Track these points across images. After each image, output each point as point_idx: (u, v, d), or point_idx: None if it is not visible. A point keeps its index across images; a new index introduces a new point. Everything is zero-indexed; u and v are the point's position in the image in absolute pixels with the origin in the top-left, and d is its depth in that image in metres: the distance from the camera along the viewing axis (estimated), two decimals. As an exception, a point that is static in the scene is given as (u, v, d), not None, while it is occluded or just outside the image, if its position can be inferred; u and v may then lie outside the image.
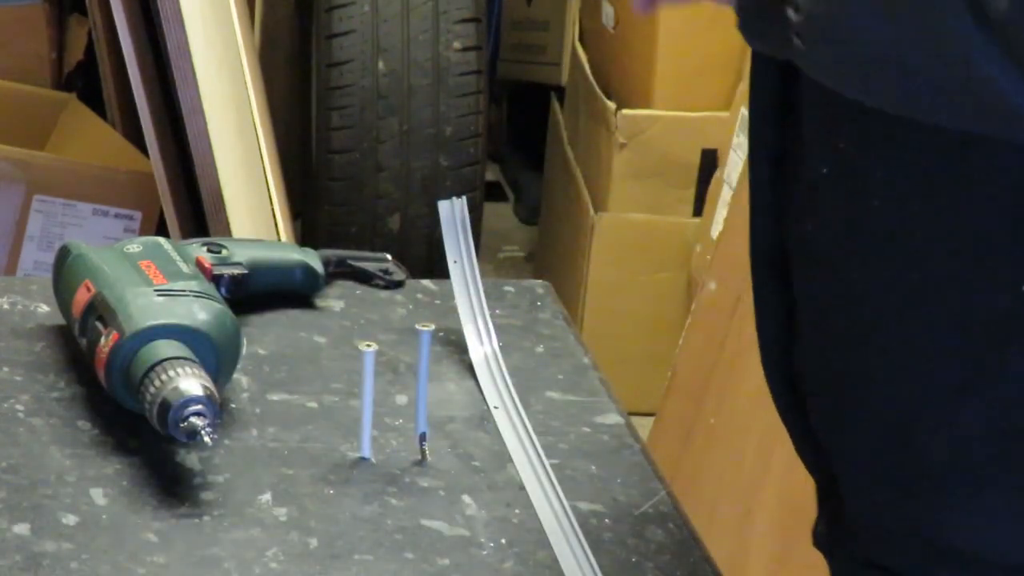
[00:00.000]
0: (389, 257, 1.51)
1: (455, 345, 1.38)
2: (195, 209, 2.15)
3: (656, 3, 1.04)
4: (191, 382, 1.15)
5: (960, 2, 0.78)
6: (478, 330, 1.37)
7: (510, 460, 1.23)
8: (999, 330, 0.94)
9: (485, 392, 1.31)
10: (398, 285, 1.48)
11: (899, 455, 1.01)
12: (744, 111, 2.67)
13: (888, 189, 0.96)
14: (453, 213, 1.38)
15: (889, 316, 0.99)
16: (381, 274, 1.48)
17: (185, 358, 1.18)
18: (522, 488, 1.19)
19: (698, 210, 3.03)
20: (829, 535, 1.11)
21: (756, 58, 1.03)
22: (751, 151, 1.07)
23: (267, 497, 1.16)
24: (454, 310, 1.38)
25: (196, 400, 1.14)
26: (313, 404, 1.28)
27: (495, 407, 1.29)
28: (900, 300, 0.98)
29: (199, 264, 1.35)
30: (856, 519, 1.06)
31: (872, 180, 0.97)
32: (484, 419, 1.28)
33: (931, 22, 0.80)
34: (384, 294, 1.47)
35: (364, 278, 1.48)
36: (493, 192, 3.88)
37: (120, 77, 2.77)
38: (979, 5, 0.78)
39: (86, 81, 3.23)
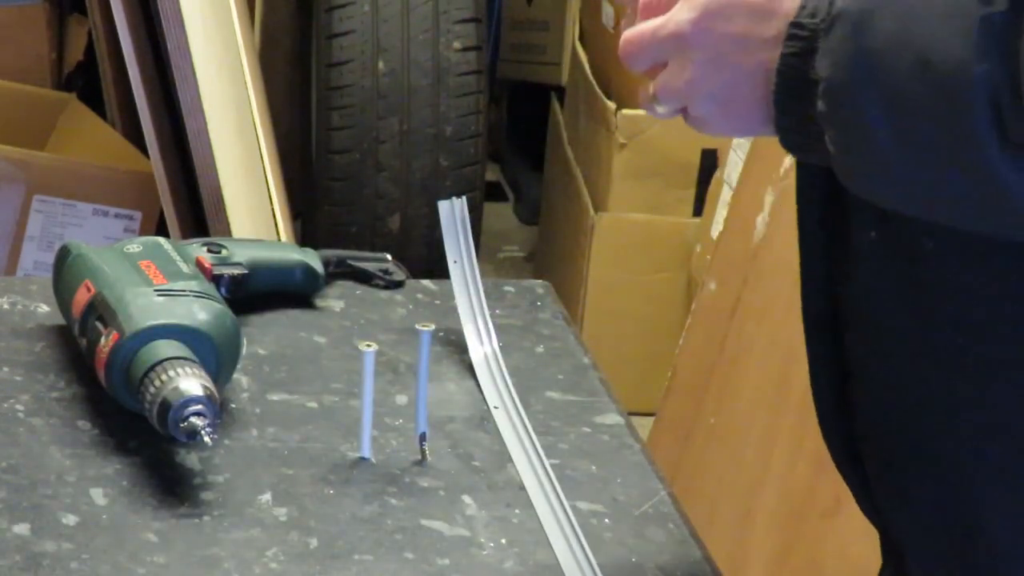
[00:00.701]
0: (389, 257, 1.51)
1: (455, 345, 1.38)
2: (195, 209, 2.15)
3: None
4: (191, 382, 1.15)
5: (986, 130, 0.78)
6: (478, 330, 1.37)
7: (510, 460, 1.23)
8: None
9: (485, 392, 1.31)
10: (398, 285, 1.48)
11: (962, 528, 0.97)
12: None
13: (940, 259, 0.93)
14: (453, 213, 1.38)
15: (939, 381, 0.95)
16: (381, 274, 1.48)
17: (185, 358, 1.18)
18: (522, 488, 1.19)
19: (698, 210, 3.03)
20: None
21: None
22: (800, 215, 1.03)
23: (267, 497, 1.16)
24: (454, 310, 1.38)
25: (196, 400, 1.14)
26: (313, 404, 1.28)
27: (495, 407, 1.29)
28: (951, 365, 0.94)
29: (199, 264, 1.35)
30: None
31: (923, 248, 0.93)
32: (484, 419, 1.28)
33: (957, 149, 0.80)
34: (384, 294, 1.47)
35: (364, 278, 1.48)
36: (493, 192, 3.88)
37: (120, 77, 2.77)
38: (1004, 131, 0.78)
39: (86, 81, 3.23)
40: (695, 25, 0.90)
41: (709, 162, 3.01)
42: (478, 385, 1.33)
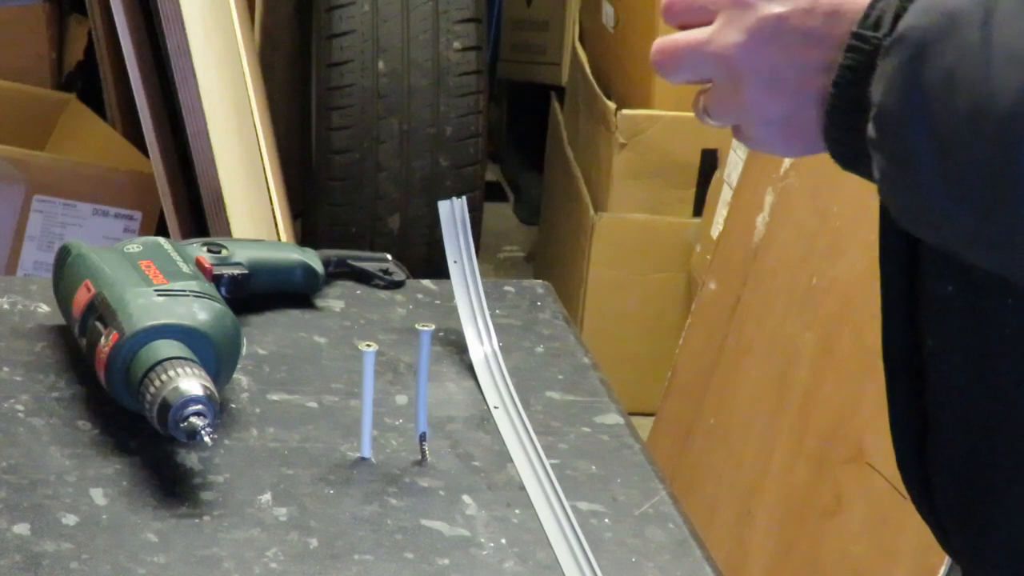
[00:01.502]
0: (389, 257, 1.51)
1: (455, 345, 1.38)
2: (195, 209, 2.15)
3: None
4: (191, 382, 1.15)
5: None
6: (478, 330, 1.37)
7: (510, 460, 1.23)
8: None
9: (485, 392, 1.31)
10: (398, 285, 1.48)
11: None
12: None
13: (1019, 317, 0.91)
14: (453, 213, 1.38)
15: (1016, 446, 0.93)
16: (381, 274, 1.48)
17: (185, 358, 1.18)
18: (522, 488, 1.19)
19: (698, 210, 3.03)
20: None
21: None
22: (882, 264, 1.00)
23: (267, 497, 1.16)
24: (454, 310, 1.38)
25: (196, 400, 1.14)
26: (313, 404, 1.28)
27: (495, 407, 1.29)
28: None
29: (199, 264, 1.35)
30: None
31: (1003, 305, 0.91)
32: (484, 419, 1.28)
33: (1001, 198, 0.79)
34: (384, 294, 1.47)
35: (364, 278, 1.48)
36: (493, 192, 3.88)
37: (120, 77, 2.77)
38: None
39: (86, 81, 3.23)
40: (745, 50, 0.88)
41: (709, 162, 3.01)
42: (478, 385, 1.33)
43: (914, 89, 0.80)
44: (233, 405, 1.27)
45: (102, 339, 1.21)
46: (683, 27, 0.92)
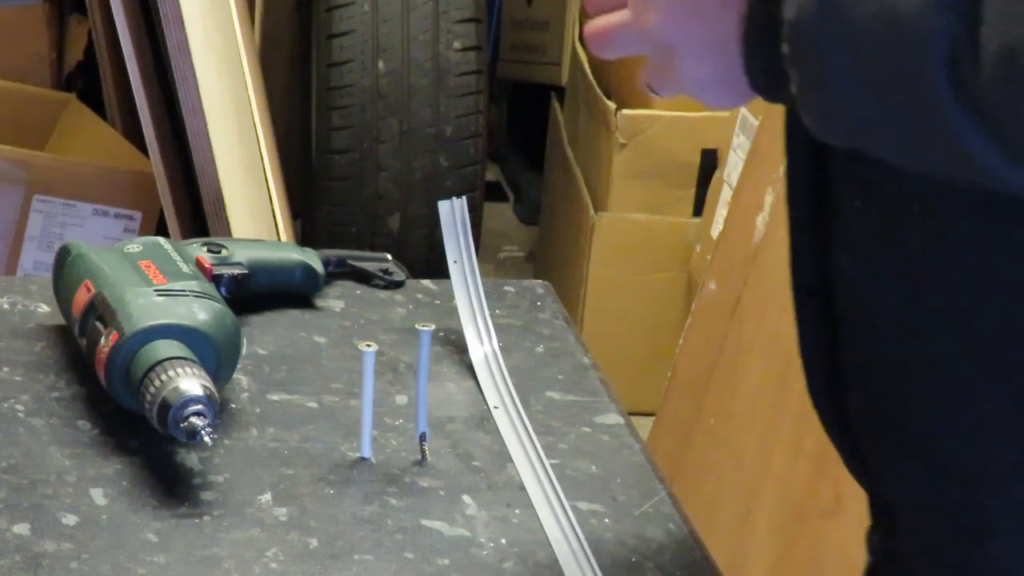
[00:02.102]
0: (389, 257, 1.51)
1: (455, 345, 1.38)
2: (195, 209, 2.15)
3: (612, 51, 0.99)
4: (191, 382, 1.15)
5: (941, 79, 0.80)
6: (478, 330, 1.37)
7: (510, 460, 1.23)
8: None
9: (485, 392, 1.31)
10: (398, 285, 1.48)
11: (956, 497, 0.98)
12: (744, 111, 2.67)
13: (928, 224, 0.93)
14: (453, 213, 1.38)
15: (929, 355, 0.96)
16: (381, 274, 1.48)
17: (185, 358, 1.18)
18: (522, 488, 1.19)
19: (698, 210, 3.03)
20: (883, 547, 1.09)
21: None
22: (789, 190, 1.04)
23: (267, 497, 1.16)
24: (454, 310, 1.38)
25: (196, 400, 1.14)
26: (313, 404, 1.28)
27: (495, 407, 1.29)
28: (941, 339, 0.95)
29: (199, 264, 1.35)
30: (910, 542, 1.04)
31: (910, 215, 0.94)
32: (484, 419, 1.28)
33: (912, 94, 0.82)
34: (384, 294, 1.47)
35: (364, 278, 1.48)
36: (493, 192, 3.88)
37: (120, 77, 2.77)
38: (958, 82, 0.80)
39: (86, 81, 3.23)
40: (666, 25, 0.92)
41: (709, 162, 3.01)
42: (478, 385, 1.33)
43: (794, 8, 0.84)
44: (233, 405, 1.27)
45: (102, 339, 1.21)
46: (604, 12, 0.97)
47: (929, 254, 0.94)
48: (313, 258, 1.44)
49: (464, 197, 1.39)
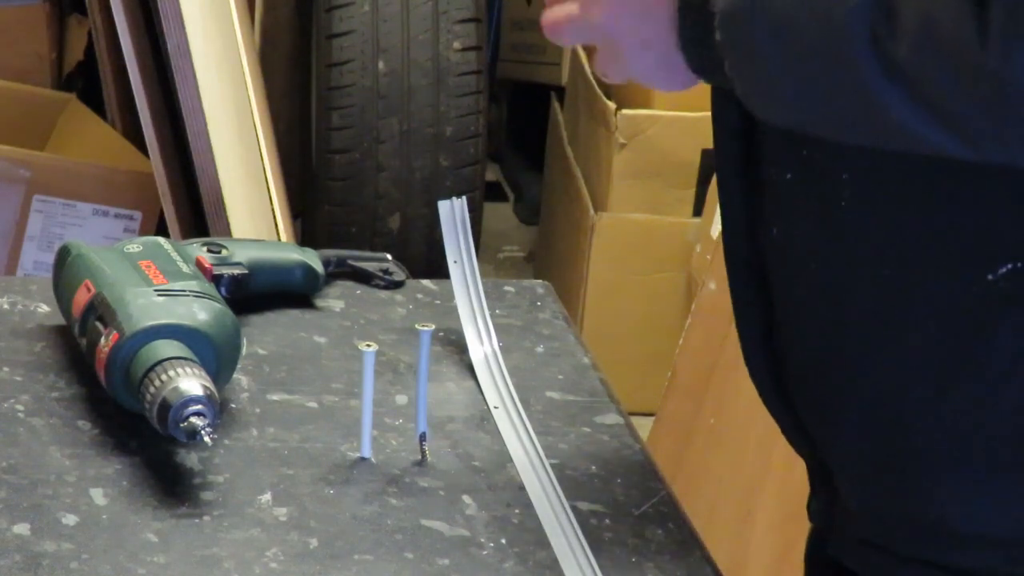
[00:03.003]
0: (389, 257, 1.51)
1: (455, 345, 1.38)
2: (195, 209, 2.15)
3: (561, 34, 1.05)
4: (191, 382, 1.15)
5: (865, 54, 0.86)
6: (478, 330, 1.37)
7: (510, 460, 1.23)
8: (972, 318, 0.96)
9: (485, 392, 1.31)
10: (398, 285, 1.48)
11: (891, 446, 1.02)
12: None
13: (856, 188, 0.99)
14: (453, 213, 1.38)
15: (865, 309, 1.01)
16: (381, 274, 1.48)
17: (185, 358, 1.18)
18: (522, 488, 1.19)
19: (698, 210, 3.03)
20: (825, 512, 1.12)
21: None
22: (718, 166, 1.09)
23: (267, 497, 1.16)
24: (454, 310, 1.38)
25: (196, 400, 1.14)
26: (313, 404, 1.28)
27: (495, 407, 1.29)
28: (874, 293, 1.00)
29: (199, 264, 1.35)
30: (851, 502, 1.07)
31: (839, 181, 0.99)
32: (484, 419, 1.28)
33: (839, 71, 0.88)
34: (384, 294, 1.47)
35: (364, 278, 1.48)
36: (493, 192, 3.88)
37: (120, 77, 2.77)
38: (880, 54, 0.85)
39: (86, 81, 3.23)
40: (608, 16, 0.99)
41: (709, 162, 3.01)
42: (478, 385, 1.33)
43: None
44: (233, 405, 1.27)
45: (102, 339, 1.21)
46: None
47: (858, 215, 0.99)
48: (313, 258, 1.44)
49: (464, 197, 1.39)
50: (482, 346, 1.36)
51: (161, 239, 1.35)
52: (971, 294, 0.96)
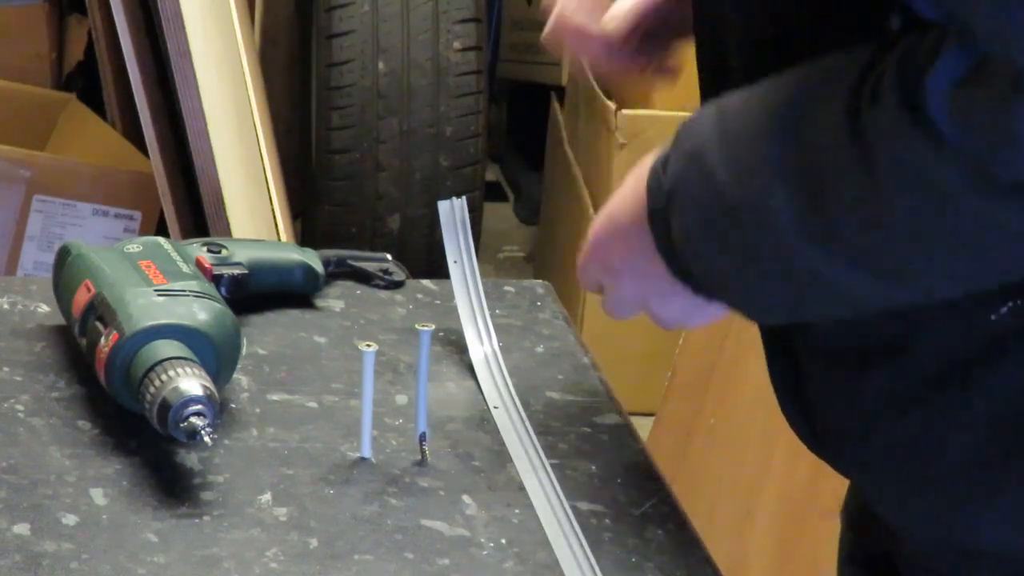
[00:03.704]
0: (389, 257, 1.51)
1: (455, 345, 1.38)
2: (195, 209, 2.15)
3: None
4: (191, 382, 1.15)
5: (804, 249, 0.94)
6: (478, 330, 1.37)
7: (510, 460, 1.23)
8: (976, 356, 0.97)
9: (485, 392, 1.31)
10: (398, 285, 1.48)
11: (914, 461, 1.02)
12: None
13: None
14: (453, 213, 1.38)
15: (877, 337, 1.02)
16: (381, 274, 1.48)
17: (185, 358, 1.18)
18: (522, 488, 1.19)
19: (698, 210, 3.02)
20: (854, 514, 1.13)
21: None
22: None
23: (267, 497, 1.16)
24: (454, 310, 1.38)
25: (196, 400, 1.14)
26: (313, 404, 1.28)
27: (495, 407, 1.29)
28: (887, 323, 1.00)
29: (199, 264, 1.35)
30: (876, 511, 1.07)
31: None
32: (484, 419, 1.28)
33: (789, 271, 0.96)
34: (384, 294, 1.47)
35: (364, 278, 1.48)
36: (493, 192, 3.88)
37: (120, 77, 2.77)
38: (821, 246, 0.93)
39: (86, 81, 3.23)
40: (601, 262, 1.08)
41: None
42: (478, 385, 1.33)
43: (690, 239, 1.01)
44: (233, 405, 1.27)
45: (102, 339, 1.21)
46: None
47: None
48: (313, 258, 1.44)
49: (464, 197, 1.39)
50: (482, 346, 1.36)
51: (161, 239, 1.35)
52: (975, 334, 0.97)
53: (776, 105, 0.94)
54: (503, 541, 1.13)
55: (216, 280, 1.35)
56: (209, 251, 1.38)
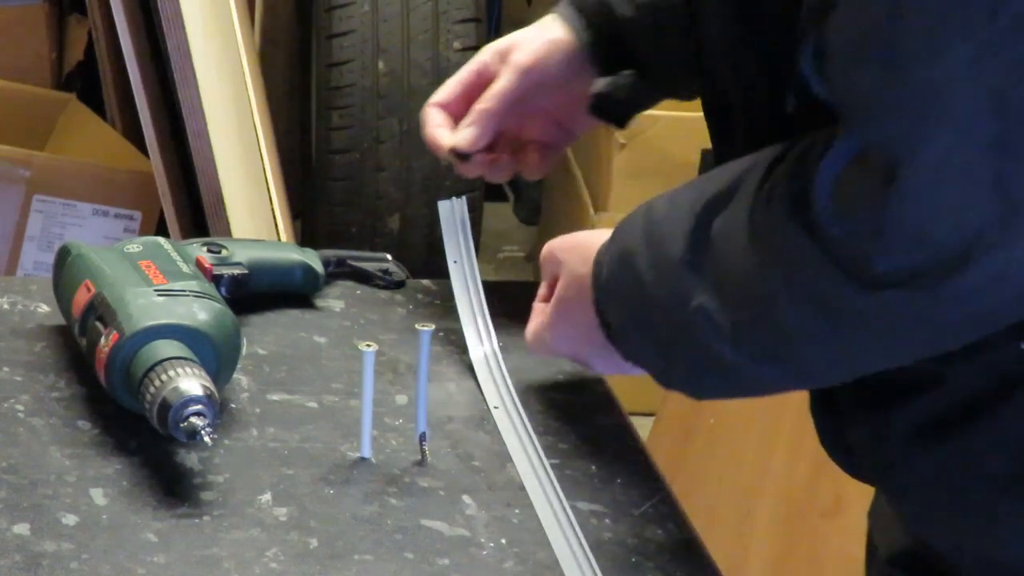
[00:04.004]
0: (389, 257, 1.51)
1: (455, 345, 1.38)
2: (195, 209, 2.15)
3: None
4: (191, 382, 1.15)
5: (717, 341, 1.01)
6: (478, 330, 1.37)
7: (510, 460, 1.23)
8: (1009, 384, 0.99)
9: (485, 392, 1.31)
10: (398, 285, 1.48)
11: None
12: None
13: None
14: (453, 213, 1.38)
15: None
16: (381, 274, 1.48)
17: (185, 358, 1.18)
18: (522, 488, 1.19)
19: (698, 210, 3.02)
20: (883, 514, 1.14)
21: None
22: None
23: (267, 497, 1.16)
24: (454, 310, 1.38)
25: (196, 400, 1.14)
26: (313, 404, 1.28)
27: (495, 407, 1.29)
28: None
29: (199, 264, 1.35)
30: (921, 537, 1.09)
31: None
32: (484, 419, 1.28)
33: (708, 359, 1.03)
34: (384, 294, 1.47)
35: (364, 278, 1.48)
36: (493, 192, 3.87)
37: (120, 77, 2.77)
38: (726, 338, 1.01)
39: (86, 81, 3.23)
40: (559, 342, 1.22)
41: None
42: (478, 385, 1.33)
43: (615, 322, 1.12)
44: (233, 405, 1.27)
45: (102, 339, 1.21)
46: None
47: None
48: (313, 258, 1.44)
49: (464, 197, 1.39)
50: (482, 346, 1.36)
51: (161, 239, 1.35)
52: (1007, 359, 0.98)
53: (696, 206, 1.03)
54: (503, 541, 1.13)
55: (216, 280, 1.35)
56: (209, 251, 1.38)
